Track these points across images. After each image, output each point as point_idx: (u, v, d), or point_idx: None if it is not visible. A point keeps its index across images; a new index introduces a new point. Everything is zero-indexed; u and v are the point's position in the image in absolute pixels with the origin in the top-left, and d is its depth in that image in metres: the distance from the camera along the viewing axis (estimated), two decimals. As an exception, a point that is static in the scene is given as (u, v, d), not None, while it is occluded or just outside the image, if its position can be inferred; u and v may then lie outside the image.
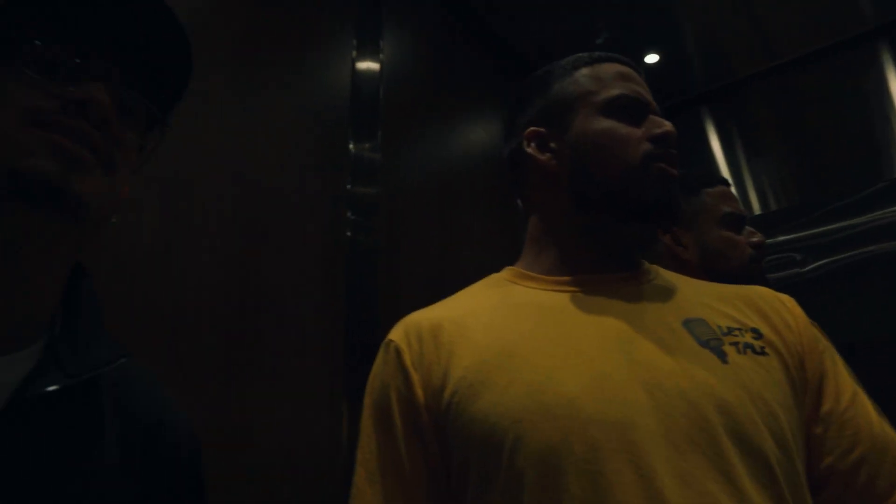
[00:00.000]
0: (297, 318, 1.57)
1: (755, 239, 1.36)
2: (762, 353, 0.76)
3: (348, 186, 1.80)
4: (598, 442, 0.66)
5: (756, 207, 2.99)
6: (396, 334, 0.85)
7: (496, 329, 0.80)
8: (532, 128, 0.92)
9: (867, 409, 0.78)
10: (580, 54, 0.95)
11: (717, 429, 0.67)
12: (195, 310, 1.37)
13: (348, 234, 1.76)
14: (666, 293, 0.84)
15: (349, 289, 1.71)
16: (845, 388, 0.78)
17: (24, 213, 0.57)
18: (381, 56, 2.02)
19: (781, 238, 2.77)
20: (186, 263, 1.37)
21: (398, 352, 0.82)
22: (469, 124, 2.38)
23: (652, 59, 3.01)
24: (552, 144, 0.90)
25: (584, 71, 0.92)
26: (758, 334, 0.78)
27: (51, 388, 0.57)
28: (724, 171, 3.11)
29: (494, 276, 0.94)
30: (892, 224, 2.53)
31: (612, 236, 0.87)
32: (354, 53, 1.96)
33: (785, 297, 0.87)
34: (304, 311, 1.60)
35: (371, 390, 0.85)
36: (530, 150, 0.91)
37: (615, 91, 0.87)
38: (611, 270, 0.86)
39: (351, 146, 1.85)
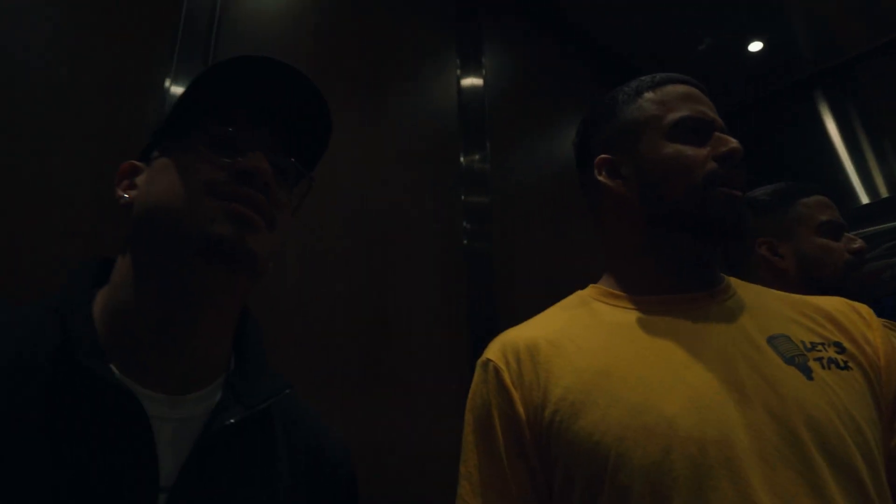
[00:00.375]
0: (422, 327, 1.68)
1: (855, 245, 1.35)
2: (846, 367, 0.78)
3: (462, 197, 1.91)
4: (697, 458, 0.69)
5: (883, 191, 2.82)
6: (494, 353, 0.89)
7: (592, 349, 0.83)
8: (602, 155, 0.96)
9: None
10: (643, 77, 0.99)
11: (808, 444, 0.69)
12: (333, 333, 1.49)
13: (465, 241, 1.86)
14: (748, 310, 0.86)
15: (469, 293, 1.81)
16: None
17: (210, 270, 0.66)
18: (483, 72, 2.12)
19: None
20: (322, 289, 1.50)
21: (497, 370, 0.86)
22: (572, 130, 2.41)
23: (755, 46, 2.94)
24: (622, 170, 0.94)
25: (648, 95, 0.95)
26: (841, 348, 0.80)
27: (234, 419, 0.67)
28: (843, 154, 2.96)
29: (580, 294, 0.98)
30: None
31: (684, 254, 0.89)
32: (459, 72, 2.07)
33: (862, 308, 0.87)
34: (429, 320, 1.70)
35: (472, 407, 0.89)
36: (601, 177, 0.95)
37: (679, 114, 0.90)
38: (692, 289, 0.88)
39: (462, 159, 1.96)
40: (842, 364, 0.78)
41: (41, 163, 1.16)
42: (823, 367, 0.77)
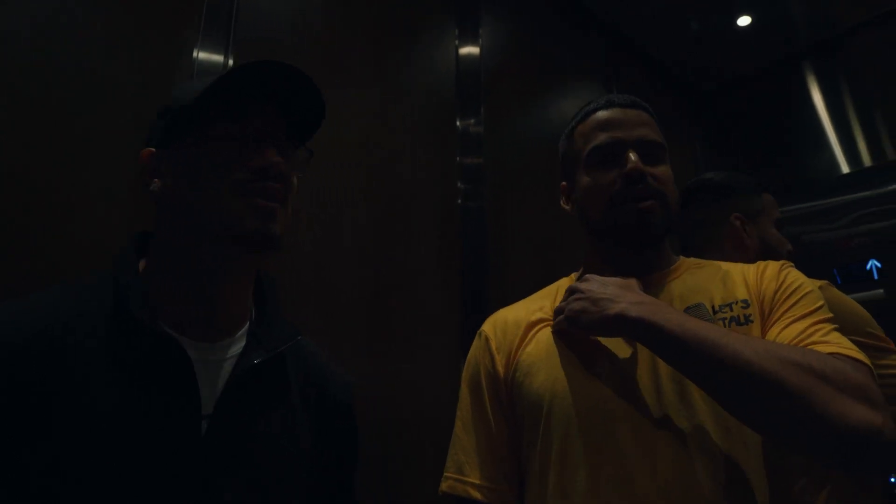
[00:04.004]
0: (420, 283, 1.82)
1: (789, 247, 1.61)
2: (747, 321, 0.96)
3: (457, 159, 2.05)
4: (603, 411, 0.93)
5: (867, 160, 2.92)
6: (487, 326, 1.15)
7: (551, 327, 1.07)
8: (563, 182, 1.18)
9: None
10: (582, 108, 1.16)
11: (694, 393, 0.92)
12: (341, 290, 1.63)
13: (459, 201, 2.01)
14: (682, 286, 1.05)
15: (464, 250, 1.95)
16: (787, 336, 0.90)
17: (241, 257, 0.82)
18: (480, 41, 2.25)
19: (885, 189, 2.72)
20: (332, 251, 1.64)
21: (487, 339, 1.12)
22: (566, 99, 2.53)
23: (744, 21, 3.01)
24: (571, 196, 1.15)
25: (578, 129, 1.13)
26: (746, 304, 0.98)
27: (258, 360, 0.82)
28: (828, 125, 3.06)
29: (559, 283, 1.20)
30: None
31: (622, 258, 1.08)
32: (457, 42, 2.20)
33: (770, 262, 1.05)
34: (426, 277, 1.84)
35: (467, 366, 1.14)
36: (562, 202, 1.18)
37: (591, 144, 1.08)
38: (636, 276, 1.04)
39: (458, 123, 2.10)
40: (742, 320, 0.96)
41: (78, 147, 1.25)
42: (725, 326, 0.95)
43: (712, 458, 0.88)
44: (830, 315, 0.93)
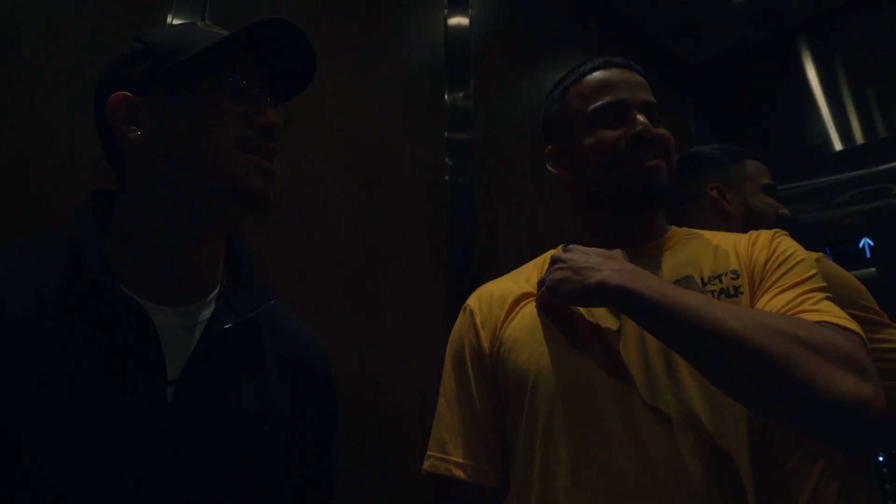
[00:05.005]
0: (405, 258, 1.79)
1: (782, 211, 1.58)
2: (736, 293, 0.93)
3: (445, 134, 2.00)
4: (588, 388, 0.92)
5: (859, 137, 2.90)
6: (472, 300, 1.13)
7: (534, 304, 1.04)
8: (549, 146, 1.14)
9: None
10: (568, 73, 1.14)
11: (682, 369, 0.90)
12: (324, 257, 1.60)
13: (447, 177, 1.97)
14: (675, 258, 1.02)
15: (451, 226, 1.92)
16: (776, 305, 0.87)
17: (238, 213, 0.78)
18: (470, 12, 2.19)
19: (878, 168, 2.71)
20: (312, 219, 1.60)
21: (472, 313, 1.10)
22: (557, 72, 2.42)
23: (740, -7, 2.96)
24: (562, 160, 1.11)
25: (573, 90, 1.10)
26: (736, 274, 0.95)
27: (228, 325, 0.79)
28: (821, 101, 3.03)
29: (549, 254, 1.15)
30: None
31: (617, 225, 1.06)
32: (446, 12, 2.13)
33: (762, 232, 1.01)
34: (411, 252, 1.81)
35: (451, 341, 1.12)
36: (549, 166, 1.14)
37: (594, 105, 1.05)
38: (627, 248, 1.01)
39: (446, 96, 2.05)
40: (732, 291, 0.94)
41: (48, 113, 1.20)
42: (714, 298, 0.92)
43: (700, 437, 0.86)
44: (824, 284, 0.90)
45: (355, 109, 1.77)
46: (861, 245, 2.64)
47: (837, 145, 2.95)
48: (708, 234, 1.08)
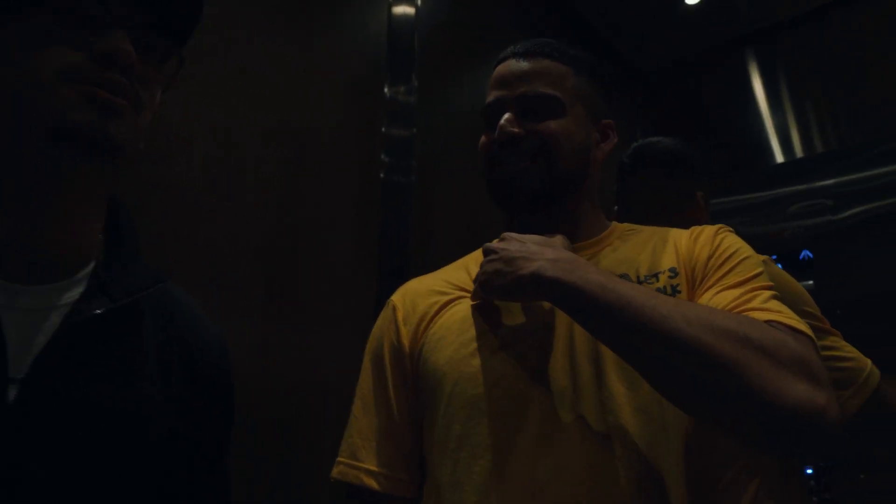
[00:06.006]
0: (332, 252, 1.69)
1: None
2: (673, 292, 0.86)
3: (383, 129, 1.89)
4: (512, 393, 0.85)
5: (798, 151, 2.94)
6: (396, 295, 1.04)
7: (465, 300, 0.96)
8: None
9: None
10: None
11: (612, 377, 0.83)
12: (238, 244, 1.48)
13: (381, 175, 1.86)
14: (604, 262, 0.95)
15: (383, 226, 1.82)
16: (719, 303, 0.81)
17: (68, 160, 0.64)
18: (416, 1, 2.08)
19: (817, 184, 2.74)
20: (231, 200, 1.49)
21: (394, 309, 1.01)
22: None
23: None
24: None
25: (490, 82, 1.04)
26: (674, 272, 0.89)
27: (99, 311, 0.66)
28: (766, 113, 3.06)
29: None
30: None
31: (528, 226, 0.96)
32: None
33: (706, 228, 0.95)
34: (339, 246, 1.71)
35: (371, 338, 1.04)
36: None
37: (485, 103, 1.02)
38: None
39: (386, 90, 1.93)
40: (669, 291, 0.87)
41: None
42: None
43: (627, 450, 0.79)
44: (770, 283, 0.84)
45: (289, 95, 1.66)
46: (801, 257, 2.67)
47: (779, 157, 2.99)
48: (649, 229, 1.02)
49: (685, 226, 1.39)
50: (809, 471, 2.42)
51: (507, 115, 0.95)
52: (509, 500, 0.79)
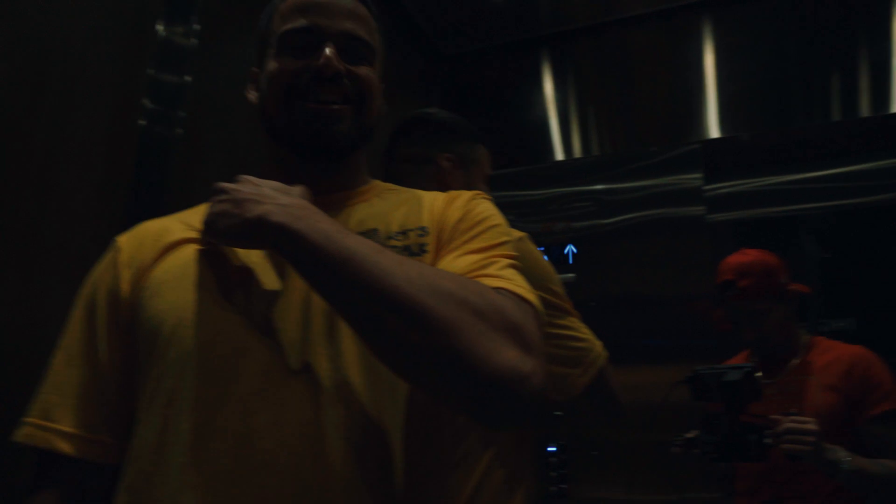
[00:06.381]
0: (72, 198, 1.47)
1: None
2: (420, 251, 0.85)
3: (149, 71, 1.68)
4: (236, 346, 0.77)
5: (578, 151, 3.16)
6: (123, 237, 0.93)
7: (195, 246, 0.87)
8: (252, 68, 1.01)
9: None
10: None
11: (343, 332, 0.78)
12: None
13: (142, 122, 1.65)
14: (358, 214, 0.92)
15: (137, 176, 1.62)
16: (457, 267, 0.80)
17: None
18: (205, -64, 1.86)
19: (590, 188, 2.96)
20: None
21: (117, 251, 0.91)
22: None
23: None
24: (258, 85, 0.97)
25: (280, 7, 0.95)
26: (424, 231, 0.88)
27: None
28: (553, 113, 3.24)
29: None
30: (681, 191, 2.77)
31: (298, 168, 0.91)
32: (174, -77, 1.78)
33: (464, 192, 0.96)
34: (80, 195, 1.49)
35: (86, 283, 0.91)
36: (247, 90, 1.00)
37: (285, 27, 0.91)
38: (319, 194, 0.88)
39: (159, 28, 1.71)
40: (416, 249, 0.85)
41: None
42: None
43: (350, 412, 0.75)
44: (514, 254, 0.85)
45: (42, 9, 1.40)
46: (566, 251, 2.88)
47: (559, 156, 3.19)
48: (409, 191, 1.00)
49: (427, 185, 1.35)
50: (553, 448, 2.65)
51: (329, 49, 0.88)
52: (217, 457, 0.72)
